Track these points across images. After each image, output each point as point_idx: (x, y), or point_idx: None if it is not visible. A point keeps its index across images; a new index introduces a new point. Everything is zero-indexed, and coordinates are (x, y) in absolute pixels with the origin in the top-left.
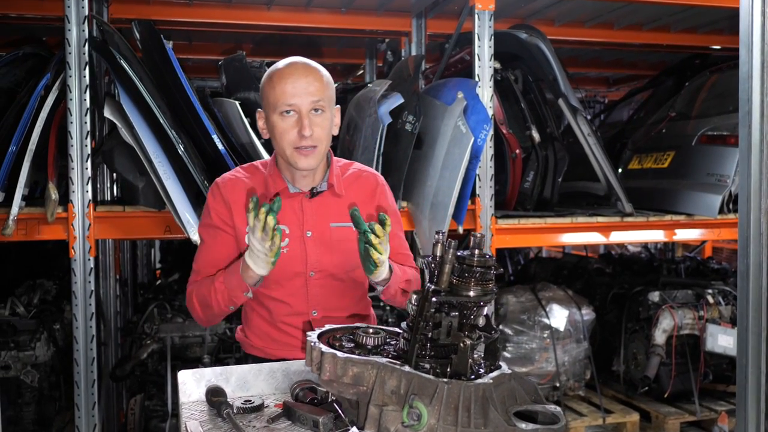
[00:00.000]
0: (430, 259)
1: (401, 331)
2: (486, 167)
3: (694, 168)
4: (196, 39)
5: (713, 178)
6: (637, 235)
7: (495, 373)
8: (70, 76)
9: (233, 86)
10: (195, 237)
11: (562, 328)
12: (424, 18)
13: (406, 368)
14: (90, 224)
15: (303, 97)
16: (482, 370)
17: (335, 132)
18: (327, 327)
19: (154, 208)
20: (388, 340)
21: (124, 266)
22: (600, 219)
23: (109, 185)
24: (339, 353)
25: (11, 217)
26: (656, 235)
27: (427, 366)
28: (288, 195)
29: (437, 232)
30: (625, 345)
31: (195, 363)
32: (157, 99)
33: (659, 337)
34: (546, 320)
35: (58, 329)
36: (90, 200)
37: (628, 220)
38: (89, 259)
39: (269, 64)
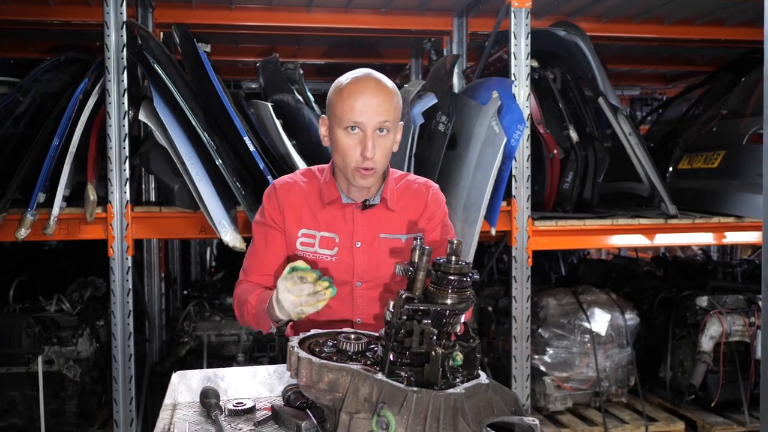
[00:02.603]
0: (407, 265)
1: (381, 338)
2: (522, 167)
3: (744, 168)
4: (243, 41)
5: (765, 179)
6: (683, 238)
7: (470, 383)
8: (109, 81)
9: (269, 88)
10: (226, 238)
11: (603, 333)
12: (465, 17)
13: (379, 376)
14: (128, 224)
15: (371, 116)
16: (458, 380)
17: (395, 149)
18: (313, 331)
19: (189, 209)
20: (371, 346)
21: (173, 264)
22: (642, 221)
23: (153, 186)
24: (314, 359)
25: (52, 217)
26: (704, 238)
27: (402, 374)
28: (340, 205)
29: (414, 238)
30: (672, 351)
31: (230, 361)
32: (190, 101)
33: (706, 343)
34: (587, 324)
35: (102, 326)
36: (128, 201)
37: (672, 222)
38: (127, 258)
39: (305, 66)
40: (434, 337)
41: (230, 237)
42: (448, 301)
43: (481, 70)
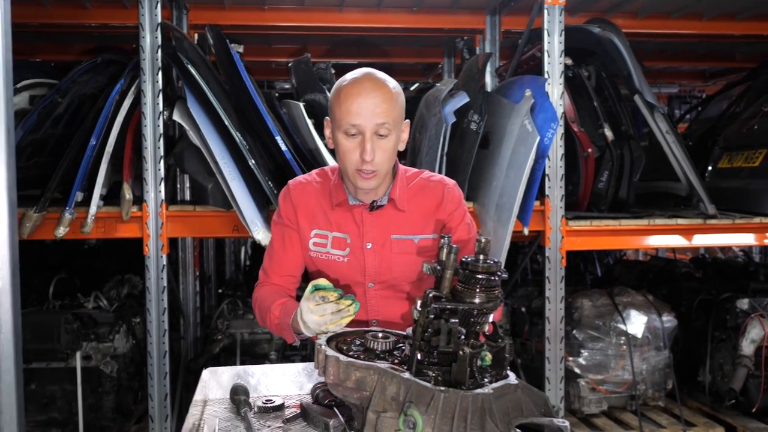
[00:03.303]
0: (435, 263)
1: (409, 337)
2: (556, 166)
3: None
4: (276, 42)
5: None
6: (723, 239)
7: (499, 384)
8: (144, 81)
9: (301, 88)
10: (259, 237)
11: (639, 335)
12: (498, 14)
13: (406, 375)
14: (162, 223)
15: (368, 118)
16: (486, 380)
17: (401, 148)
18: (341, 329)
19: (223, 208)
20: (398, 345)
21: (208, 263)
22: (680, 221)
23: (188, 185)
24: (342, 357)
25: (89, 216)
26: (745, 239)
27: (430, 373)
28: (348, 206)
29: (442, 237)
30: (711, 355)
31: (263, 359)
32: (223, 102)
33: (747, 347)
34: (622, 326)
35: (138, 323)
36: (162, 200)
37: (711, 223)
38: (162, 257)
39: (335, 66)
40: (462, 337)
41: (262, 236)
42: (476, 300)
43: (514, 68)
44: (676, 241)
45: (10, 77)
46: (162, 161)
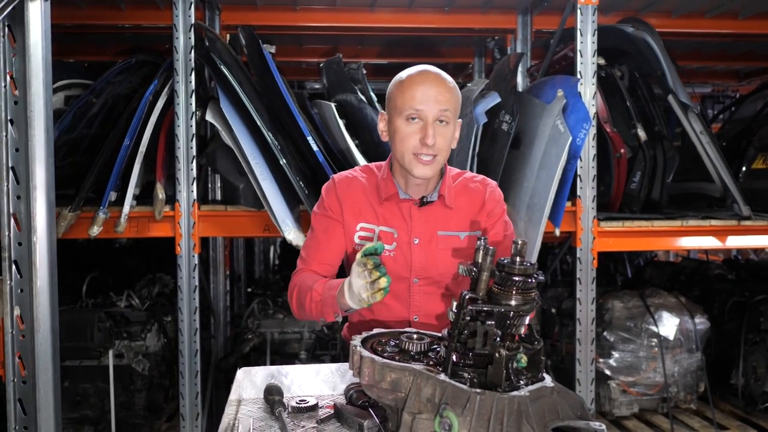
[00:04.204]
0: (471, 265)
1: (444, 338)
2: (588, 167)
3: None
4: (306, 42)
5: None
6: (758, 240)
7: (535, 386)
8: (177, 82)
9: (332, 88)
10: (290, 237)
11: (671, 337)
12: (530, 14)
13: (442, 376)
14: (194, 222)
15: (431, 104)
16: (522, 382)
17: (454, 145)
18: (375, 331)
19: (254, 208)
20: (433, 346)
21: (237, 262)
22: (714, 222)
23: (219, 185)
24: (377, 358)
25: (123, 216)
26: None
27: (466, 375)
28: (398, 201)
29: (478, 237)
30: (745, 357)
31: (293, 359)
32: (255, 102)
33: None
34: (654, 328)
35: (169, 321)
36: (195, 200)
37: (745, 224)
38: (194, 256)
39: (366, 66)
40: (497, 339)
41: (293, 236)
42: (512, 303)
43: (546, 68)
44: (710, 242)
45: (49, 79)
46: (194, 161)
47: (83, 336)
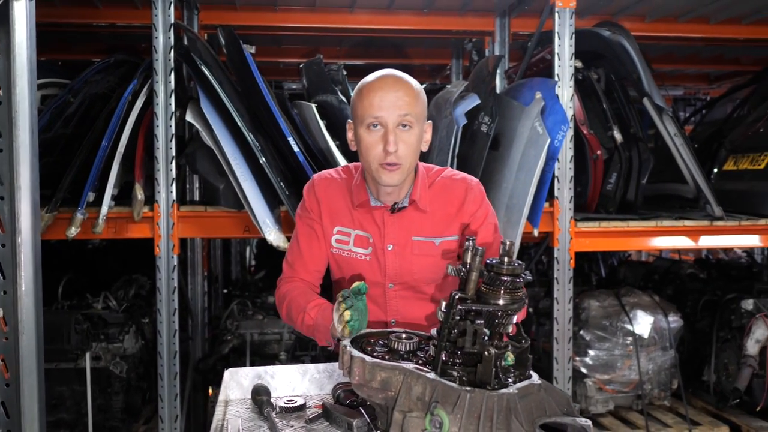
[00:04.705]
0: (460, 265)
1: (433, 338)
2: (565, 168)
3: None
4: (285, 42)
5: None
6: (729, 240)
7: (522, 384)
8: (157, 82)
9: (313, 89)
10: (270, 237)
11: (646, 335)
12: (508, 17)
13: (431, 375)
14: (174, 223)
15: (390, 110)
16: (510, 380)
17: (424, 148)
18: (364, 331)
19: (234, 209)
20: (422, 346)
21: (215, 263)
22: (687, 223)
23: (197, 186)
24: (367, 358)
25: (101, 216)
26: (751, 240)
27: (455, 374)
28: (369, 208)
29: (467, 239)
30: (716, 354)
31: (273, 359)
32: (236, 102)
33: (752, 347)
34: (629, 326)
35: (147, 323)
36: (174, 200)
37: (717, 224)
38: (173, 257)
39: (347, 67)
40: (486, 338)
41: (274, 236)
42: (501, 302)
43: (524, 70)
44: (683, 242)
45: (34, 79)
46: (174, 162)
47: (60, 338)
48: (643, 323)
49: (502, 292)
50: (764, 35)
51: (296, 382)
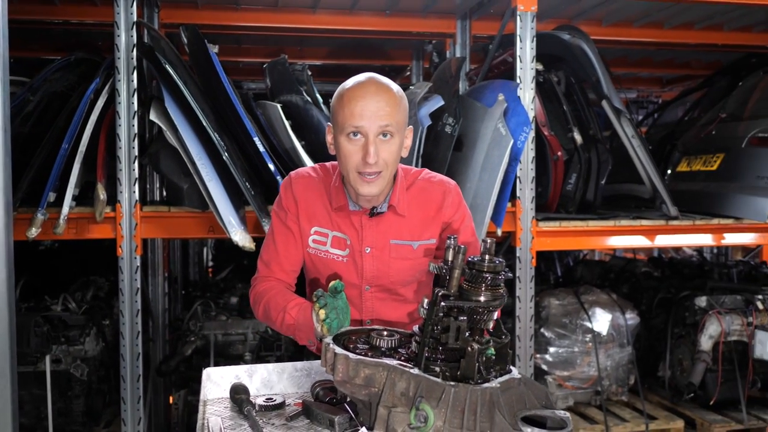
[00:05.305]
0: (442, 263)
1: (415, 334)
2: (527, 169)
3: (743, 171)
4: (246, 42)
5: (763, 182)
6: (684, 239)
7: (504, 378)
8: (119, 81)
9: (277, 89)
10: (236, 238)
11: (604, 332)
12: (469, 20)
13: (415, 371)
14: (136, 224)
15: (371, 120)
16: (492, 375)
17: (405, 154)
18: (345, 329)
19: (198, 209)
20: (403, 342)
21: (175, 264)
22: (644, 222)
23: (159, 186)
24: (351, 355)
25: (62, 217)
26: (704, 239)
27: (437, 369)
28: (348, 212)
29: (449, 237)
30: (671, 350)
31: (237, 360)
32: (200, 102)
33: (705, 343)
34: (588, 324)
35: (108, 325)
36: (137, 200)
37: (673, 224)
38: (136, 258)
39: (311, 67)
40: (468, 333)
41: (240, 237)
42: (482, 299)
43: (485, 72)
44: (640, 241)
45: (7, 77)
46: (137, 161)
47: (19, 341)
48: (601, 320)
49: (483, 288)
50: (714, 40)
51: (274, 381)
